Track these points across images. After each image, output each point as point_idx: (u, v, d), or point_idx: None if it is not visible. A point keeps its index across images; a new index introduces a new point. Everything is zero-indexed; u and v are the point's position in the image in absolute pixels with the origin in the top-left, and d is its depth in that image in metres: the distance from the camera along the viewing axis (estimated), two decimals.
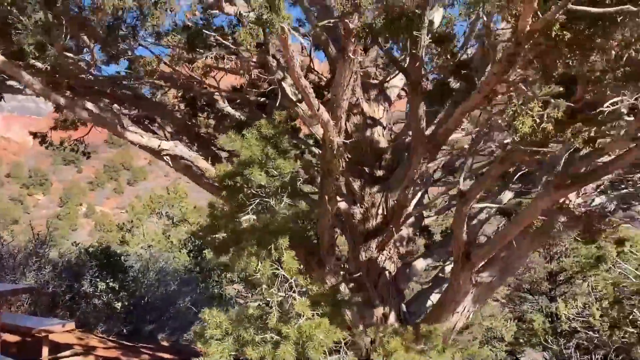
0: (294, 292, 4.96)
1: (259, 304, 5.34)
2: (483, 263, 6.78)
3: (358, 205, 7.67)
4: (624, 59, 3.71)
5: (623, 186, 7.68)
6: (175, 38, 5.29)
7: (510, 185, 7.05)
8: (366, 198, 7.61)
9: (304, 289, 5.17)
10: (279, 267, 4.93)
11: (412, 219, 8.79)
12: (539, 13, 3.01)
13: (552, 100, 3.46)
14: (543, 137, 5.07)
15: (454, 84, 5.95)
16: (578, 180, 5.43)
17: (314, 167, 7.26)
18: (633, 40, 3.51)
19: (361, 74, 7.40)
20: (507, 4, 3.09)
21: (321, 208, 6.03)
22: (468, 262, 6.50)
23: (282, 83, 6.83)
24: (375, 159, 7.93)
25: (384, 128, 8.10)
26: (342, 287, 6.94)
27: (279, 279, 4.97)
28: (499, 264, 6.80)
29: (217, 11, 5.43)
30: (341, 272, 7.53)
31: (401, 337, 5.31)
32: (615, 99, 4.37)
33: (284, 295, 5.01)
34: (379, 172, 7.88)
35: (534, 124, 3.35)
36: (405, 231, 8.65)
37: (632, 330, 14.96)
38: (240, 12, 4.49)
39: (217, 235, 5.10)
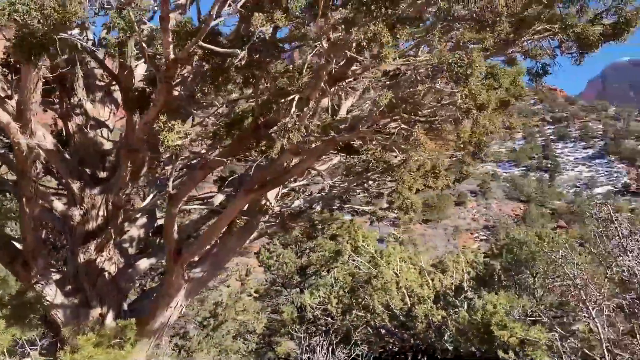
0: None
1: None
2: (196, 260, 7.38)
3: (78, 206, 7.61)
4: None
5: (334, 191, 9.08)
6: None
7: (223, 189, 7.81)
8: (86, 200, 7.59)
9: None
10: None
11: (144, 220, 9.04)
12: (173, 46, 3.60)
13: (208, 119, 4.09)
14: (234, 148, 5.82)
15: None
16: (265, 185, 6.36)
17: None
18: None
19: (82, 74, 7.41)
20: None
21: (20, 210, 5.90)
22: (180, 259, 7.02)
23: None
24: (99, 160, 7.97)
25: (110, 130, 8.18)
26: (51, 289, 6.84)
27: None
28: (210, 259, 7.46)
29: None
30: (55, 275, 7.41)
31: (97, 334, 5.53)
32: (285, 120, 5.30)
33: None
34: (103, 174, 7.93)
35: (179, 138, 3.94)
36: (136, 232, 8.86)
37: (361, 313, 17.39)
38: None
39: None
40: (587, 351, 5.97)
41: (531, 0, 4.15)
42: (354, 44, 3.52)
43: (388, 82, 5.66)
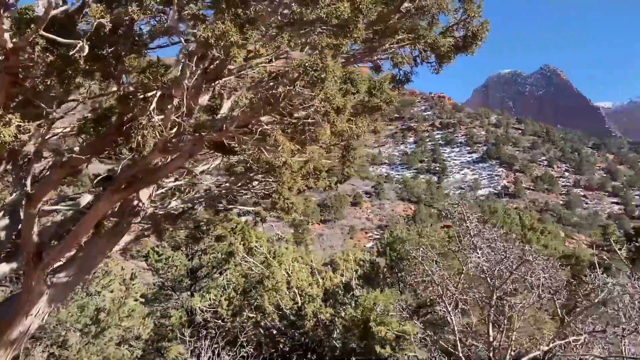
0: None
1: None
2: (60, 264, 6.90)
3: None
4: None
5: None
6: None
7: (91, 189, 7.39)
8: None
9: None
10: None
11: (6, 221, 8.31)
12: (11, 34, 3.34)
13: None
14: (97, 145, 5.52)
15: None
16: (132, 185, 6.10)
17: None
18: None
19: None
20: None
21: None
22: (40, 263, 6.53)
23: None
24: None
25: None
26: None
27: None
28: (77, 263, 7.02)
29: None
30: None
31: None
32: (140, 117, 5.10)
33: None
34: None
35: (15, 133, 3.66)
36: None
37: (252, 315, 17.29)
38: None
39: None
40: (442, 343, 6.39)
41: (389, 10, 4.35)
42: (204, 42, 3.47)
43: (272, 83, 5.67)
